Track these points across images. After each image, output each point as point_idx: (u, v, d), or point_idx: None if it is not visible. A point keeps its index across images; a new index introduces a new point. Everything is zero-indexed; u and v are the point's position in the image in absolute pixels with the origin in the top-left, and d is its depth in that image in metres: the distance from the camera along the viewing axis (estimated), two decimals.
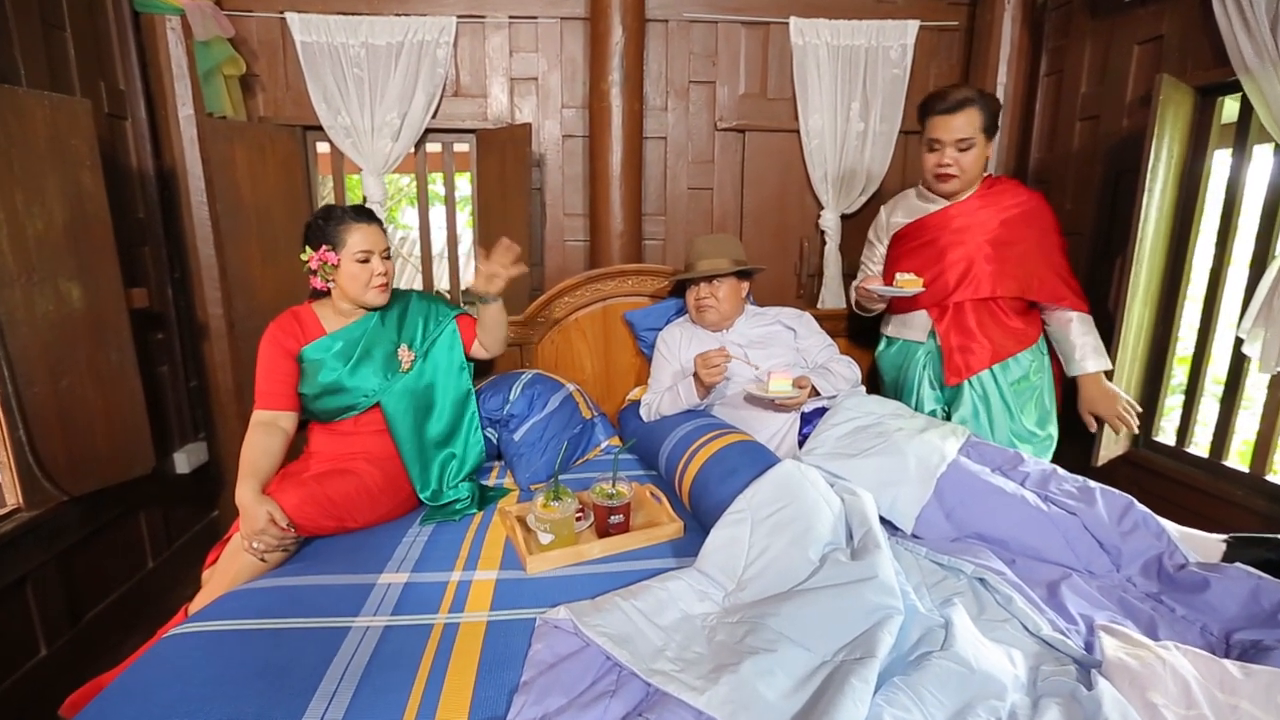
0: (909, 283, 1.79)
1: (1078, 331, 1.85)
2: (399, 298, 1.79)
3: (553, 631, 1.09)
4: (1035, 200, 1.87)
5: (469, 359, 1.86)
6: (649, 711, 0.88)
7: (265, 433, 1.55)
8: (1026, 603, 1.14)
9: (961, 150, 1.76)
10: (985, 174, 1.92)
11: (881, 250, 2.06)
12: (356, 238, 1.59)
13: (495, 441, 1.95)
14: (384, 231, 1.67)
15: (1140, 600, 1.21)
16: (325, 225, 1.60)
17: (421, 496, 1.65)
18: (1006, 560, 1.33)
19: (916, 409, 1.97)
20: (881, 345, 2.11)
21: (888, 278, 1.93)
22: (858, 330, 2.48)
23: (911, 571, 1.29)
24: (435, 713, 0.94)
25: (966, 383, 1.86)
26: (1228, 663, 0.92)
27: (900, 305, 1.97)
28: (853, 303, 2.13)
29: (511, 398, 1.92)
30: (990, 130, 1.78)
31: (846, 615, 1.00)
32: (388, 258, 1.65)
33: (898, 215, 2.01)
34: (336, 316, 1.69)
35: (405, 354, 1.71)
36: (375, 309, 1.69)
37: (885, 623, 1.00)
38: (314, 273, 1.62)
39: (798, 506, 1.22)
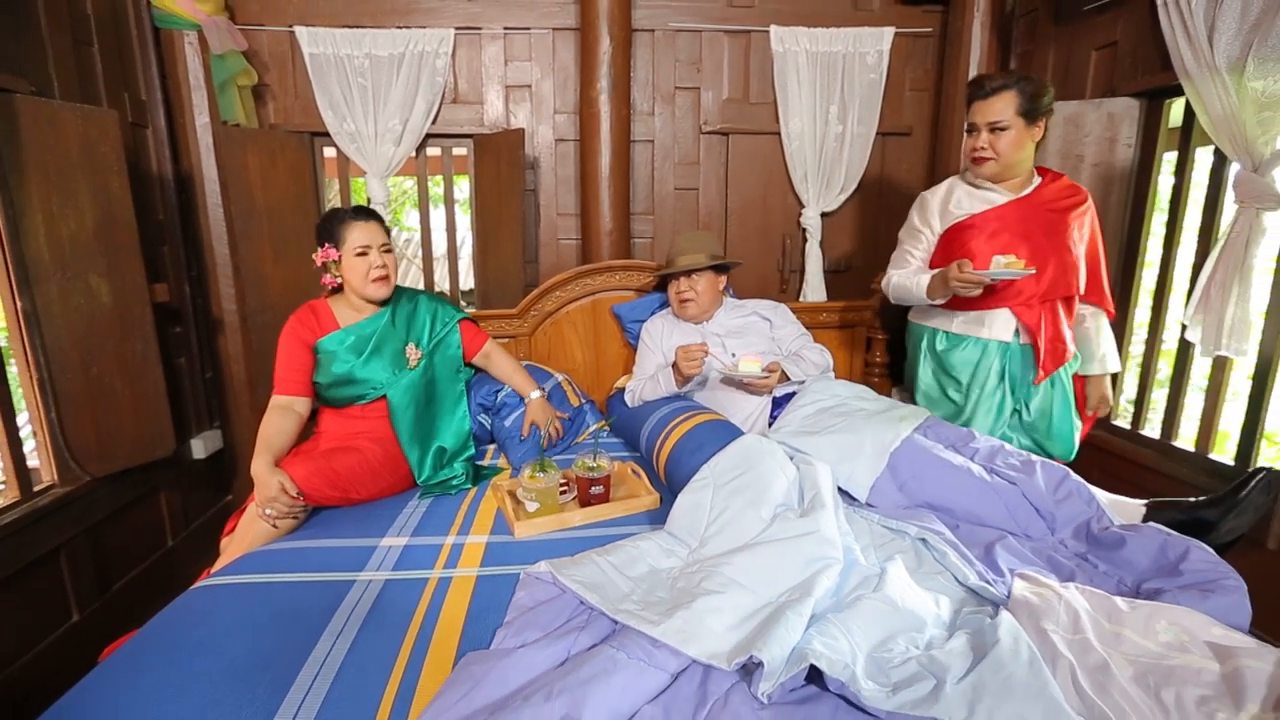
0: (1015, 264, 1.64)
1: (1106, 335, 1.90)
2: (409, 297, 1.93)
3: (534, 582, 1.23)
4: (1089, 200, 1.82)
5: (469, 364, 2.02)
6: (612, 641, 1.02)
7: (281, 415, 1.70)
8: (959, 557, 1.27)
9: (995, 132, 1.72)
10: (1037, 165, 1.86)
11: (931, 238, 1.91)
12: (355, 234, 1.73)
13: (488, 427, 2.09)
14: (384, 228, 1.80)
15: (1068, 558, 1.33)
16: (328, 225, 1.75)
17: (418, 480, 1.79)
18: (951, 525, 1.45)
19: (998, 410, 1.88)
20: (944, 343, 1.90)
21: (944, 262, 1.80)
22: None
23: (863, 534, 1.42)
24: (429, 646, 1.09)
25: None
26: (1117, 599, 1.05)
27: (977, 301, 1.80)
28: (915, 289, 1.83)
29: (504, 387, 2.06)
30: (1030, 114, 1.70)
31: (789, 564, 1.13)
32: (388, 252, 1.79)
33: (959, 205, 1.86)
34: (350, 312, 1.83)
35: (413, 352, 1.86)
36: (378, 301, 1.82)
37: (824, 571, 1.13)
38: (323, 269, 1.77)
39: (755, 473, 1.35)
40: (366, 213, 1.78)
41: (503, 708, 0.88)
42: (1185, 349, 1.97)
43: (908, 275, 1.88)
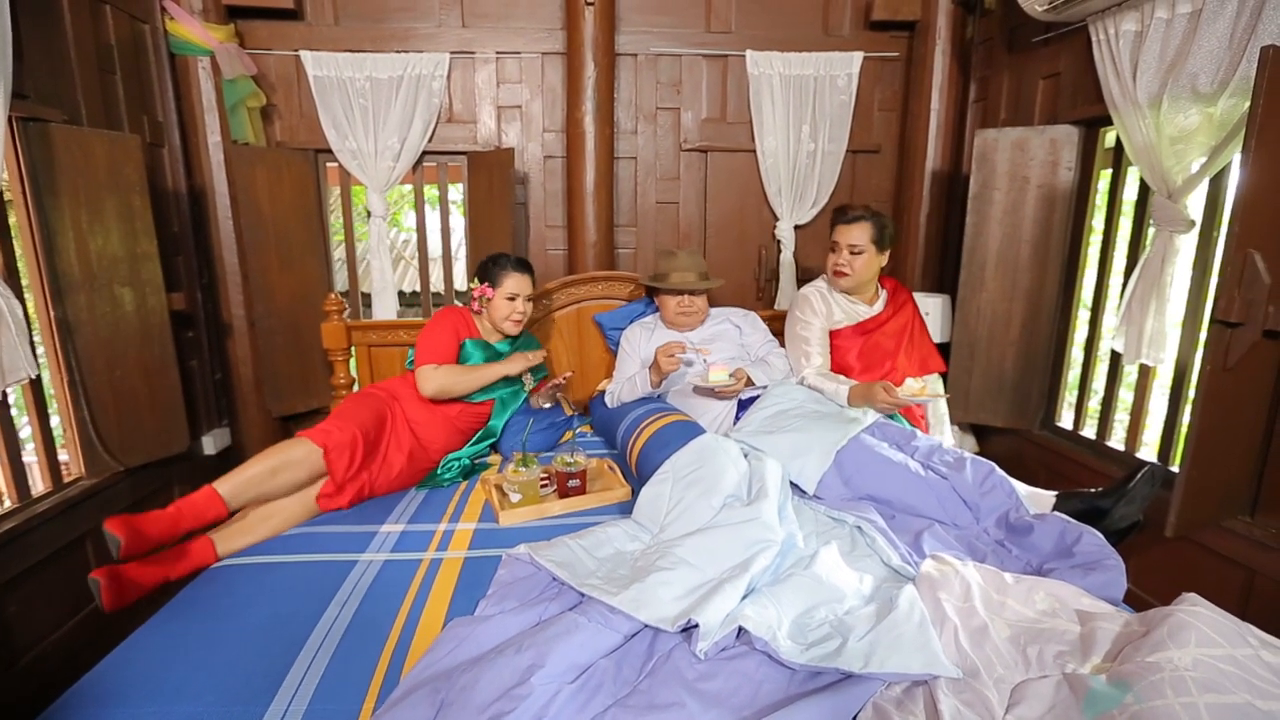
0: (932, 393, 1.97)
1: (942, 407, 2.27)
2: (526, 335, 2.30)
3: (514, 562, 1.41)
4: (909, 293, 2.27)
5: None
6: (577, 609, 1.20)
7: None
8: (886, 542, 1.45)
9: (853, 254, 2.10)
10: (881, 278, 2.25)
11: (823, 327, 2.18)
12: (510, 282, 2.09)
13: None
14: (533, 281, 2.17)
15: (986, 544, 1.52)
16: (491, 268, 2.11)
17: (442, 475, 1.98)
18: (888, 515, 1.63)
19: None
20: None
21: (843, 364, 2.16)
22: None
23: (808, 523, 1.60)
24: (422, 613, 1.27)
25: None
26: (1006, 575, 1.23)
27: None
28: (832, 395, 2.04)
29: None
30: (879, 243, 2.10)
31: (732, 546, 1.31)
32: (530, 302, 2.15)
33: (834, 312, 2.20)
34: (485, 331, 2.19)
35: (526, 378, 2.23)
36: (509, 338, 2.20)
37: (762, 551, 1.31)
38: (474, 299, 2.12)
39: (709, 468, 1.53)
40: (524, 265, 2.15)
41: (481, 659, 1.06)
42: (1117, 358, 2.15)
43: (824, 379, 2.08)
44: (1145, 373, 2.05)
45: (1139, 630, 1.04)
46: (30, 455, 2.06)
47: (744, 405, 2.13)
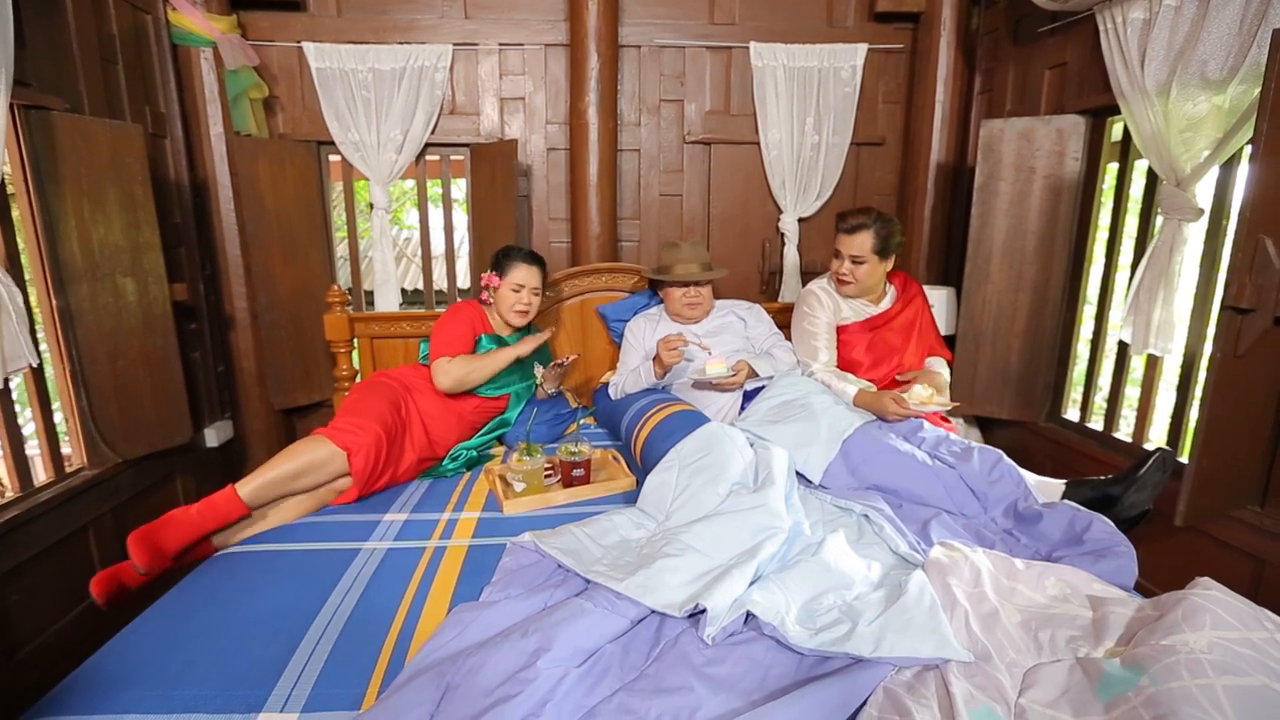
0: (940, 403, 1.96)
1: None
2: (535, 329, 2.29)
3: (519, 549, 1.40)
4: (919, 287, 2.28)
5: None
6: (583, 595, 1.19)
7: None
8: (894, 530, 1.44)
9: (855, 264, 2.08)
10: (890, 273, 2.22)
11: (830, 322, 2.18)
12: (517, 273, 2.09)
13: None
14: (543, 274, 2.17)
15: (995, 533, 1.50)
16: (502, 259, 2.13)
17: (447, 465, 1.98)
18: (895, 505, 1.62)
19: None
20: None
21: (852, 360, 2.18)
22: None
23: (815, 512, 1.59)
24: (426, 600, 1.26)
25: None
26: (1016, 560, 1.22)
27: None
28: (840, 395, 2.01)
29: None
30: (882, 252, 2.07)
31: (739, 532, 1.30)
32: (537, 294, 2.15)
33: (841, 308, 2.20)
34: (496, 325, 2.19)
35: (538, 369, 2.27)
36: (514, 327, 2.18)
37: (770, 538, 1.30)
38: (484, 289, 2.14)
39: (715, 455, 1.52)
40: (534, 258, 2.16)
41: (487, 644, 1.05)
42: (1124, 349, 2.14)
43: (833, 377, 2.07)
44: (1152, 364, 2.03)
45: (1152, 614, 1.03)
46: (33, 448, 2.05)
47: (749, 396, 2.12)
